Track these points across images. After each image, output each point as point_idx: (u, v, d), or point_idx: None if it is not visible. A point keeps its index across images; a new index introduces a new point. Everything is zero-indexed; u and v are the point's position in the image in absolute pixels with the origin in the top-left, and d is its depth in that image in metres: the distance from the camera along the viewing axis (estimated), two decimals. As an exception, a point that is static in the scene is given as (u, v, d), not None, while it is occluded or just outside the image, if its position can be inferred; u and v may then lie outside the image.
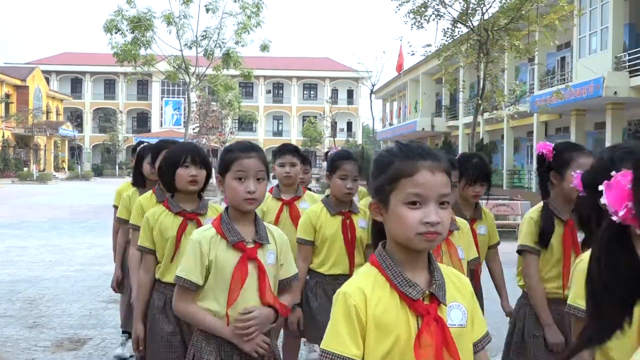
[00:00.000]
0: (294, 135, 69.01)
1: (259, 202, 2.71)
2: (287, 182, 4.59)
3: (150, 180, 4.65)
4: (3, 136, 48.76)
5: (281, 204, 4.54)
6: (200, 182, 3.40)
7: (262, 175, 2.70)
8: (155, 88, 69.57)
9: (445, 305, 1.71)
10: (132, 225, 3.92)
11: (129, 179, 5.33)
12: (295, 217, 4.39)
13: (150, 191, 4.02)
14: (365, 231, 3.91)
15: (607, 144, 23.67)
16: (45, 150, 56.67)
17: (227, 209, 2.72)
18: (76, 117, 69.64)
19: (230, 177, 2.66)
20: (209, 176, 3.48)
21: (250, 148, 2.73)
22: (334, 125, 62.58)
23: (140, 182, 4.80)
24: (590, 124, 25.92)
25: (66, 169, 60.69)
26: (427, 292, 1.70)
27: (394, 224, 1.67)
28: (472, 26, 20.28)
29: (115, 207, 5.16)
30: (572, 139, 23.59)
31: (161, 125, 69.73)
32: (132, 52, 26.13)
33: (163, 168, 3.46)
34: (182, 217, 3.38)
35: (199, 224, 3.31)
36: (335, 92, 72.31)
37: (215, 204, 3.66)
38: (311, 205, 4.33)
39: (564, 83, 24.44)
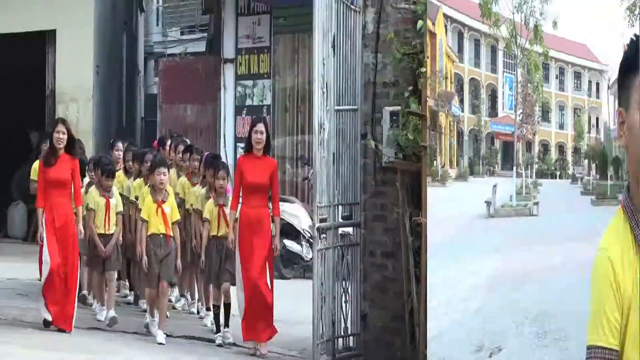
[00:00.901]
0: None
1: None
2: None
3: None
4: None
5: None
6: None
7: None
8: (499, 58, 69.53)
9: None
10: None
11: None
12: None
13: None
14: None
15: None
16: (442, 134, 55.28)
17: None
18: (459, 89, 66.57)
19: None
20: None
21: None
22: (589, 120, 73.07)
23: None
24: None
25: (455, 164, 58.78)
26: None
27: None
28: None
29: None
30: None
31: (502, 109, 72.67)
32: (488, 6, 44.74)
33: None
34: None
35: None
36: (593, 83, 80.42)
37: None
38: None
39: None
